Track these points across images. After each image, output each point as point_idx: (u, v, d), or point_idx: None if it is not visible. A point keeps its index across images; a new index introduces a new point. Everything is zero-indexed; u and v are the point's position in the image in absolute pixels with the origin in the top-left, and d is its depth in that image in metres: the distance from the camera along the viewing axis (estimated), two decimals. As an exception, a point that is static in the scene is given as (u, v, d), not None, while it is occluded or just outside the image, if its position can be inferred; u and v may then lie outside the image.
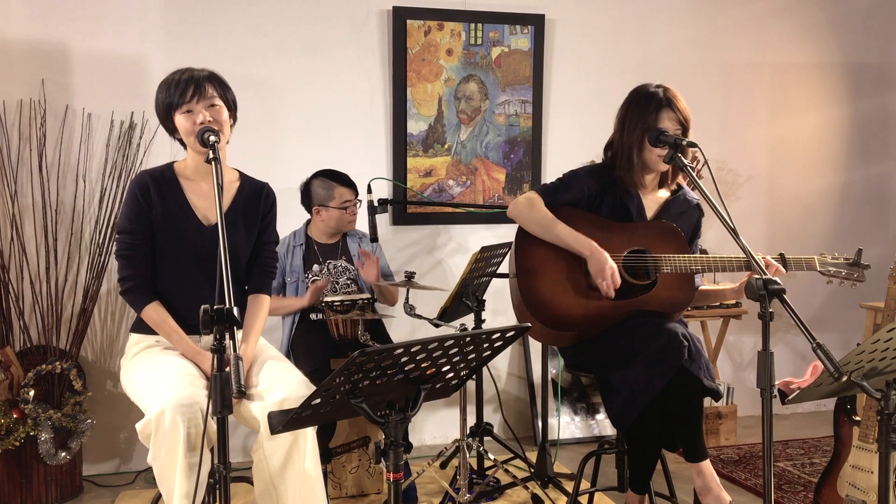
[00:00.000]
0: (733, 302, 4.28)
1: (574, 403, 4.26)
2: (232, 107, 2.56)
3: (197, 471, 2.09)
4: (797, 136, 4.74)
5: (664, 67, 4.44)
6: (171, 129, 2.53)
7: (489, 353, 1.90)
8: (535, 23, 4.21)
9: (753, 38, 4.60)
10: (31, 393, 3.34)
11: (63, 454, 3.40)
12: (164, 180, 2.54)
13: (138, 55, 3.74)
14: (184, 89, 2.42)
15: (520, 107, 4.23)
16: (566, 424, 4.21)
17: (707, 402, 4.10)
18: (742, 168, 4.67)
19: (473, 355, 1.88)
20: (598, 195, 2.72)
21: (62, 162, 3.68)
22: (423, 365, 1.79)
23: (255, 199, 2.63)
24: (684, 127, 2.64)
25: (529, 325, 1.91)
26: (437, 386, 1.94)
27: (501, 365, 4.35)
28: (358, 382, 1.71)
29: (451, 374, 1.92)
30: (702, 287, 2.87)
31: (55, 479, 3.45)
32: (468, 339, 1.79)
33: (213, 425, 2.01)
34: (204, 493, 2.22)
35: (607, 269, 2.55)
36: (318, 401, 1.71)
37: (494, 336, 1.83)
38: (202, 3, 3.82)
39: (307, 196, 3.57)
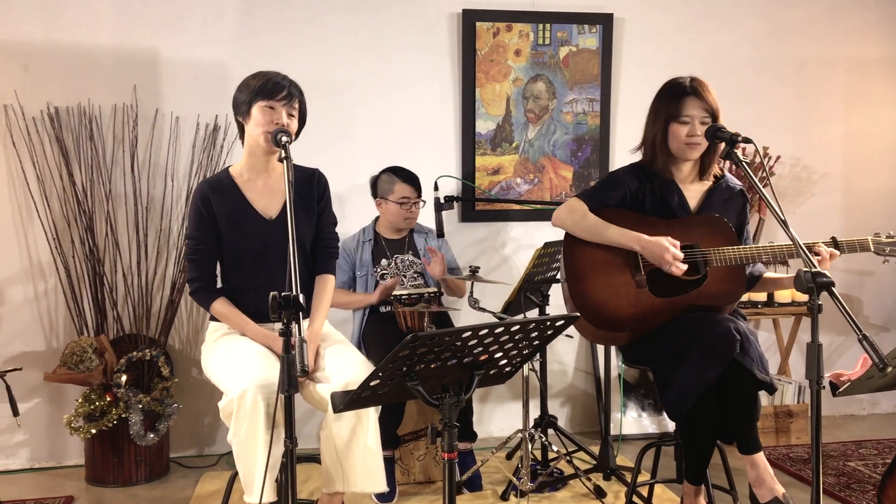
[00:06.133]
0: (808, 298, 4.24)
1: (641, 399, 4.29)
2: (304, 121, 2.73)
3: (272, 447, 2.25)
4: (874, 132, 4.64)
5: (734, 64, 4.42)
6: (242, 114, 2.66)
7: (540, 341, 2.00)
8: (604, 22, 4.26)
9: (826, 32, 4.53)
10: (123, 378, 3.59)
11: (151, 436, 3.63)
12: (222, 186, 2.72)
13: (220, 62, 3.95)
14: (278, 89, 2.60)
15: (587, 105, 4.28)
16: (634, 420, 4.24)
17: (778, 400, 4.10)
18: (817, 165, 4.61)
19: (525, 343, 1.98)
20: (638, 193, 2.77)
21: (152, 162, 3.93)
22: (475, 351, 1.89)
23: (308, 186, 2.79)
24: (713, 116, 2.66)
25: (578, 314, 1.98)
26: (491, 372, 2.04)
27: (569, 360, 4.41)
28: (413, 366, 1.83)
29: (505, 361, 2.02)
30: (765, 274, 2.88)
31: (144, 459, 3.69)
32: (518, 326, 1.88)
33: None
34: (277, 472, 2.38)
35: (665, 252, 2.59)
36: (376, 382, 1.84)
37: (543, 324, 1.92)
38: (279, 12, 4.02)
39: (374, 187, 3.71)
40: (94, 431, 3.53)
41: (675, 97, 2.69)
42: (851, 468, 3.71)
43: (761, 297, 4.21)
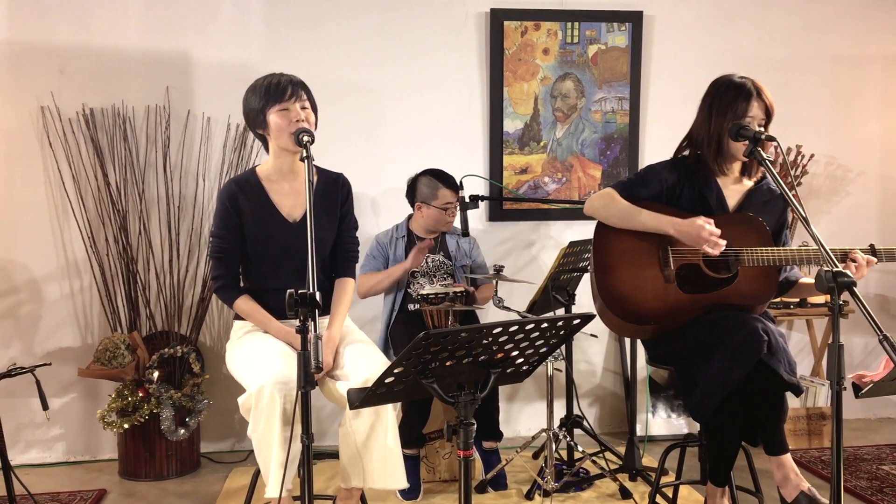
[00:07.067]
0: (842, 300, 4.17)
1: (671, 400, 4.25)
2: (316, 111, 2.73)
3: (291, 442, 2.28)
4: (912, 130, 4.55)
5: (768, 62, 4.36)
6: (261, 126, 2.68)
7: (556, 340, 1.99)
8: (633, 20, 4.23)
9: (860, 29, 4.45)
10: (155, 374, 3.65)
11: (182, 431, 3.69)
12: (249, 185, 2.74)
13: (250, 63, 4.00)
14: (283, 90, 2.61)
15: (616, 104, 4.26)
16: (663, 421, 4.21)
17: (810, 402, 4.04)
18: (853, 163, 4.53)
19: (541, 341, 1.97)
20: (676, 188, 2.74)
21: (184, 163, 3.99)
22: (491, 349, 1.89)
23: (332, 190, 2.80)
24: (769, 116, 2.65)
25: (594, 314, 1.98)
26: (508, 371, 2.04)
27: (597, 360, 4.39)
28: (428, 363, 1.84)
29: (521, 360, 2.02)
30: (801, 280, 2.83)
31: (175, 453, 3.75)
32: (533, 324, 1.88)
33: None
34: (297, 465, 2.40)
35: (701, 232, 2.54)
36: (391, 379, 1.85)
37: (559, 323, 1.92)
38: (306, 12, 4.05)
39: (412, 191, 3.73)
40: (126, 426, 3.60)
41: (742, 98, 2.64)
42: (885, 472, 3.64)
43: (794, 297, 4.14)
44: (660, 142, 4.31)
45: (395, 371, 1.82)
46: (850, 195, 4.53)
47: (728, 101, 2.65)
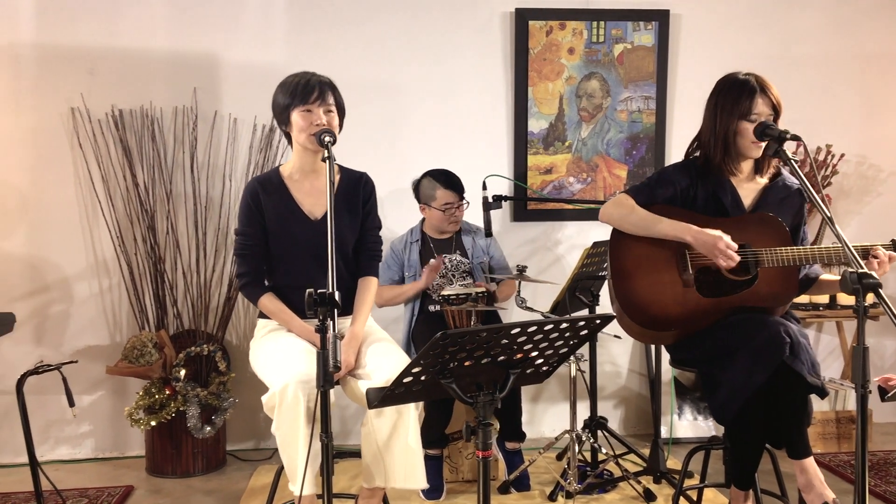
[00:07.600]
0: (870, 302, 4.10)
1: (697, 402, 4.21)
2: (343, 113, 2.75)
3: (312, 440, 2.29)
4: (945, 128, 4.47)
5: (797, 60, 4.31)
6: (285, 122, 2.72)
7: (575, 341, 1.98)
8: (660, 18, 4.20)
9: (891, 26, 4.37)
10: (182, 372, 3.69)
11: (208, 429, 3.73)
12: (271, 184, 2.77)
13: (276, 64, 4.02)
14: (309, 91, 2.63)
15: (642, 103, 4.23)
16: (689, 423, 4.17)
17: (840, 405, 3.98)
18: (885, 163, 4.46)
19: (560, 342, 1.97)
20: (690, 190, 2.71)
21: (211, 163, 4.03)
22: (510, 350, 1.89)
23: (355, 189, 2.82)
24: (776, 112, 2.60)
25: (614, 315, 1.97)
26: (528, 371, 2.03)
27: (622, 362, 4.36)
28: (446, 363, 1.84)
29: (541, 361, 2.01)
30: (821, 277, 2.79)
31: (201, 451, 3.79)
32: (552, 325, 1.87)
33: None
34: (319, 464, 2.42)
35: (718, 243, 2.52)
36: (409, 379, 1.85)
37: (579, 324, 1.91)
38: (332, 13, 4.08)
39: (417, 193, 3.73)
40: (153, 423, 3.64)
41: (746, 95, 2.61)
42: (916, 477, 3.58)
43: (823, 299, 4.09)
44: (686, 141, 4.21)
45: (414, 371, 1.83)
46: (882, 195, 4.46)
47: (732, 99, 2.63)
